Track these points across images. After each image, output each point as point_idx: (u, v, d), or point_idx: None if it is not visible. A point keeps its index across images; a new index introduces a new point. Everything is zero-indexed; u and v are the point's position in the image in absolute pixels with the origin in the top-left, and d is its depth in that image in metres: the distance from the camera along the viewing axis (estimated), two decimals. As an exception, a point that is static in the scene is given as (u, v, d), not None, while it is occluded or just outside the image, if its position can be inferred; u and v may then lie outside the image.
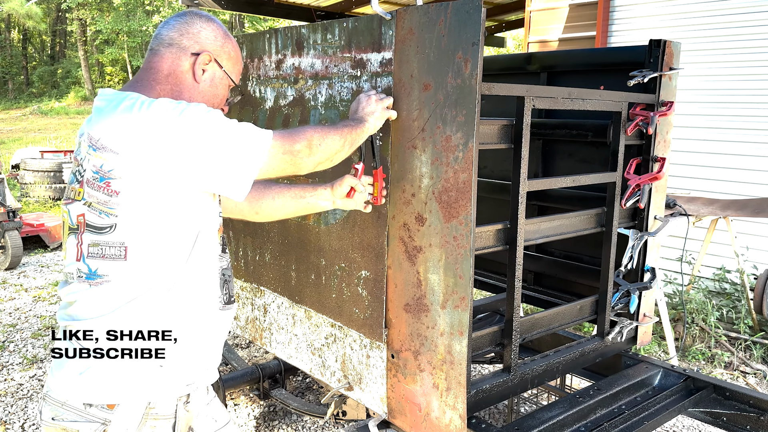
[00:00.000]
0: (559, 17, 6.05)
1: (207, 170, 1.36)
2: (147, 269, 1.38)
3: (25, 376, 4.12)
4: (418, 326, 1.91)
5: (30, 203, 9.98)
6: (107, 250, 1.38)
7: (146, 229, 1.36)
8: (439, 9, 1.74)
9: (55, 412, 1.42)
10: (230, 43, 1.59)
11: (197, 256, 1.46)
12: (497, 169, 3.14)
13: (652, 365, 2.56)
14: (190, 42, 1.51)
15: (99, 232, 1.38)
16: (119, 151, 1.34)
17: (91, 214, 1.38)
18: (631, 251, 2.44)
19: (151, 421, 1.42)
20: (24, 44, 34.52)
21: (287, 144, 1.47)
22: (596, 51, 3.93)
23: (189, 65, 1.51)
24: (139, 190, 1.34)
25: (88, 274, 1.40)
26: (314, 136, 1.54)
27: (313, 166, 1.56)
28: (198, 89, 1.53)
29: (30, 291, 5.99)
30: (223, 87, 1.59)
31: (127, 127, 1.34)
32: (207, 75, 1.54)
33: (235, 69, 1.61)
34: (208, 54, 1.52)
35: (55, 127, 22.56)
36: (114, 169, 1.34)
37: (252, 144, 1.40)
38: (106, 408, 1.39)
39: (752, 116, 4.91)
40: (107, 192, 1.35)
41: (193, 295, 1.47)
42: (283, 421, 3.57)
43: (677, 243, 4.69)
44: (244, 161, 1.39)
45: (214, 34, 1.54)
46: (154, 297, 1.40)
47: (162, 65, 1.50)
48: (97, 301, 1.40)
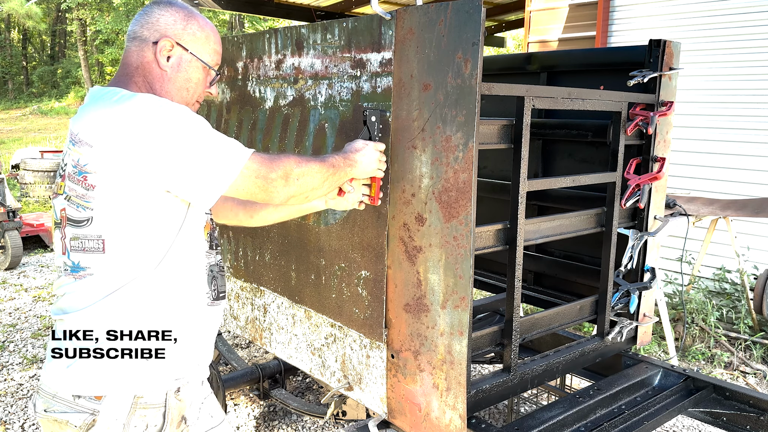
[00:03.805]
0: (559, 17, 6.05)
1: (174, 174, 1.34)
2: (126, 262, 1.38)
3: (25, 376, 4.12)
4: (418, 326, 1.91)
5: (30, 203, 9.98)
6: (86, 243, 1.39)
7: (121, 223, 1.36)
8: (439, 9, 1.74)
9: (47, 404, 1.44)
10: (194, 23, 1.53)
11: (180, 251, 1.45)
12: (497, 169, 3.14)
13: (652, 365, 2.56)
14: (149, 32, 1.49)
15: (78, 226, 1.39)
16: (93, 144, 1.34)
17: (71, 207, 1.40)
18: (631, 251, 2.44)
19: (141, 410, 1.43)
20: (24, 44, 34.51)
21: (264, 169, 1.43)
22: (596, 51, 3.93)
23: (152, 55, 1.49)
24: (112, 185, 1.34)
25: (72, 267, 1.41)
26: (294, 169, 1.49)
27: (285, 198, 1.51)
28: (167, 77, 1.51)
29: (30, 291, 5.99)
30: (195, 70, 1.54)
31: (102, 120, 1.34)
32: (172, 61, 1.50)
33: (204, 48, 1.54)
34: (168, 39, 1.49)
35: (55, 127, 22.55)
36: (89, 163, 1.35)
37: (225, 158, 1.37)
38: (94, 399, 1.40)
39: (752, 116, 4.91)
40: (84, 186, 1.36)
41: (177, 290, 1.47)
42: (283, 421, 3.56)
43: (677, 243, 4.69)
44: (214, 173, 1.36)
45: (173, 18, 1.50)
46: (137, 289, 1.40)
47: (130, 59, 1.50)
48: (82, 294, 1.41)
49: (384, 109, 1.91)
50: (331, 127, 2.14)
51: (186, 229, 1.45)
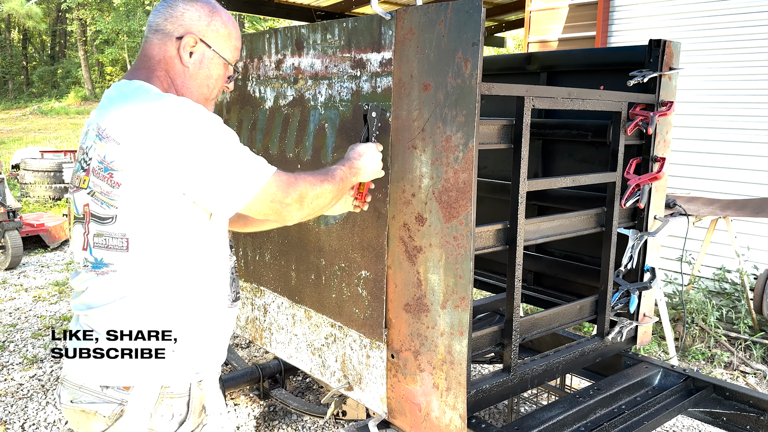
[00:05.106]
0: (559, 17, 6.05)
1: (195, 182, 1.34)
2: (150, 261, 1.39)
3: (25, 376, 4.12)
4: (418, 326, 1.91)
5: (30, 203, 9.97)
6: (110, 241, 1.39)
7: (146, 223, 1.36)
8: (439, 9, 1.74)
9: (73, 395, 1.45)
10: (218, 19, 1.52)
11: (204, 254, 1.46)
12: (497, 169, 3.14)
13: (652, 365, 2.56)
14: (174, 26, 1.48)
15: (102, 222, 1.39)
16: (121, 141, 1.34)
17: (95, 204, 1.39)
18: (630, 251, 2.44)
19: (168, 400, 1.44)
20: (24, 44, 34.51)
21: (280, 193, 1.44)
22: (596, 51, 3.93)
23: (175, 50, 1.49)
24: (137, 185, 1.34)
25: (95, 264, 1.41)
26: (309, 192, 1.50)
27: (297, 220, 1.52)
28: (189, 73, 1.51)
29: (30, 291, 5.98)
30: (216, 67, 1.54)
31: (131, 119, 1.34)
32: (195, 57, 1.50)
33: (226, 45, 1.54)
34: (192, 36, 1.48)
35: (55, 127, 22.56)
36: (115, 160, 1.35)
37: (246, 176, 1.38)
38: (123, 389, 1.41)
39: (752, 116, 4.91)
40: (110, 183, 1.36)
41: (201, 292, 1.48)
42: (283, 421, 3.56)
43: (677, 243, 4.69)
44: (233, 189, 1.37)
45: (198, 14, 1.49)
46: (161, 289, 1.41)
47: (153, 52, 1.50)
48: (105, 289, 1.41)
49: (385, 108, 1.91)
50: (331, 127, 2.14)
51: (211, 232, 1.46)
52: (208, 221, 1.45)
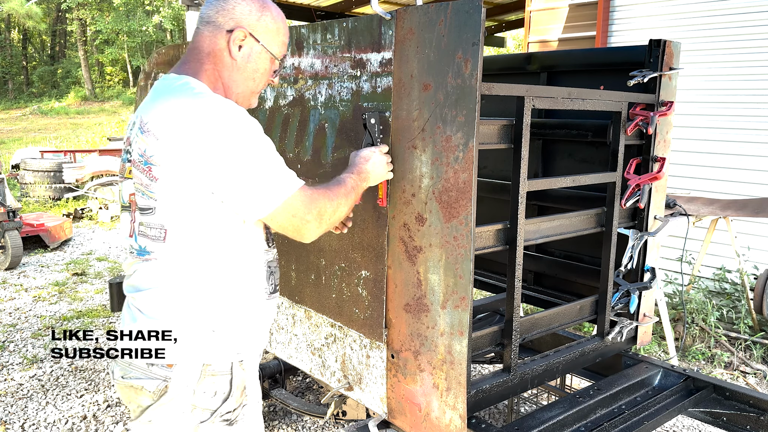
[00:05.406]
0: (559, 17, 6.05)
1: (224, 184, 1.38)
2: (185, 253, 1.43)
3: (25, 376, 4.12)
4: (418, 326, 1.91)
5: (30, 203, 9.97)
6: (150, 231, 1.45)
7: (181, 217, 1.41)
8: (439, 9, 1.74)
9: (124, 371, 1.51)
10: (268, 14, 1.55)
11: (238, 248, 1.49)
12: (497, 169, 3.14)
13: (652, 365, 2.56)
14: (225, 19, 1.51)
15: (144, 213, 1.46)
16: (159, 137, 1.38)
17: (138, 194, 1.46)
18: (631, 251, 2.44)
19: (210, 377, 1.48)
20: (24, 44, 34.51)
21: (303, 209, 1.47)
22: (596, 51, 3.93)
23: (225, 43, 1.51)
24: (173, 180, 1.39)
25: (139, 251, 1.48)
26: (328, 208, 1.53)
27: (314, 238, 1.55)
28: (236, 66, 1.53)
29: (30, 291, 5.98)
30: (263, 61, 1.57)
31: (171, 115, 1.38)
32: (244, 51, 1.53)
33: (275, 41, 1.57)
34: (242, 30, 1.51)
35: (55, 127, 22.56)
36: (154, 155, 1.39)
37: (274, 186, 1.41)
38: (166, 367, 1.46)
39: (752, 116, 4.91)
40: (149, 176, 1.41)
41: (236, 283, 1.51)
42: (283, 421, 3.57)
43: (677, 243, 4.69)
44: (259, 196, 1.40)
45: (248, 8, 1.52)
46: (195, 279, 1.45)
47: (202, 44, 1.53)
48: (149, 275, 1.47)
49: (383, 110, 1.91)
50: (331, 127, 2.14)
51: (244, 230, 1.49)
52: (242, 218, 1.47)
